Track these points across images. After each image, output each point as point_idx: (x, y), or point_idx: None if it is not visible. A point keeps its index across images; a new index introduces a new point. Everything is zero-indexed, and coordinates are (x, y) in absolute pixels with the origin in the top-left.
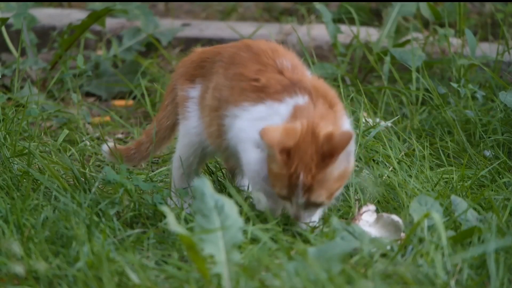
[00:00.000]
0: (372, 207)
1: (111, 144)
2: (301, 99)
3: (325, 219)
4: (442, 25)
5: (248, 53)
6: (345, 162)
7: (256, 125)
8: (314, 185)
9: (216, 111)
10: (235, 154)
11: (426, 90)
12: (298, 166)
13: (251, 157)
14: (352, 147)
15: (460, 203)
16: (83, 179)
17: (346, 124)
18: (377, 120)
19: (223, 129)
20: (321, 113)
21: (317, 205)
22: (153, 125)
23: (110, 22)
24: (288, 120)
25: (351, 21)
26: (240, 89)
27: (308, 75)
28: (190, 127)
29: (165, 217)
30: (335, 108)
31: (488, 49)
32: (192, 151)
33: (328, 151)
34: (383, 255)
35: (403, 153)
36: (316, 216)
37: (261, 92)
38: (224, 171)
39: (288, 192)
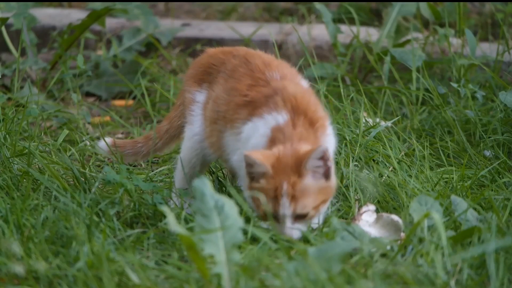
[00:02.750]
0: (372, 207)
1: (108, 139)
2: (280, 118)
3: (325, 219)
4: (442, 25)
5: (245, 68)
6: (324, 177)
7: (247, 148)
8: (297, 194)
9: (215, 123)
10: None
11: (426, 90)
12: (281, 177)
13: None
14: (332, 164)
15: (460, 203)
16: (83, 179)
17: (327, 142)
18: (377, 120)
19: (222, 142)
20: (301, 134)
21: (303, 217)
22: (164, 123)
23: (110, 22)
24: (267, 146)
25: (351, 21)
26: (234, 104)
27: (298, 82)
28: (193, 133)
29: (165, 217)
30: (317, 125)
31: (488, 49)
32: (194, 154)
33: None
34: (383, 255)
35: (403, 153)
36: (315, 219)
37: (249, 107)
38: (224, 171)
39: (274, 206)
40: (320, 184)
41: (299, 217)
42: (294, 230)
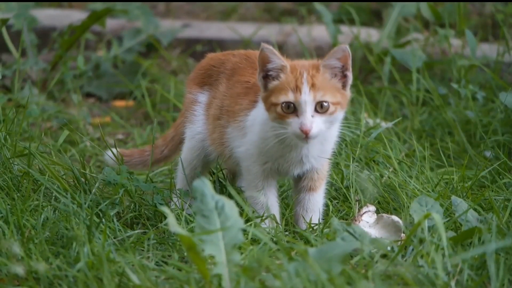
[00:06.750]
0: (372, 208)
1: (115, 151)
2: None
3: (325, 220)
4: (442, 26)
5: (246, 62)
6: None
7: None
8: (317, 83)
9: (218, 119)
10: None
11: (427, 90)
12: (300, 69)
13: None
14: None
15: (461, 204)
16: (83, 180)
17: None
18: (378, 120)
19: (225, 137)
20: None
21: (323, 109)
22: (170, 130)
23: (111, 23)
24: None
25: (352, 22)
26: (236, 95)
27: None
28: (195, 132)
29: (165, 217)
30: None
31: (489, 49)
32: (196, 155)
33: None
34: (384, 256)
35: (403, 154)
36: (316, 217)
37: (251, 92)
38: (224, 172)
39: (295, 94)
40: (336, 84)
41: (320, 108)
42: (313, 124)
